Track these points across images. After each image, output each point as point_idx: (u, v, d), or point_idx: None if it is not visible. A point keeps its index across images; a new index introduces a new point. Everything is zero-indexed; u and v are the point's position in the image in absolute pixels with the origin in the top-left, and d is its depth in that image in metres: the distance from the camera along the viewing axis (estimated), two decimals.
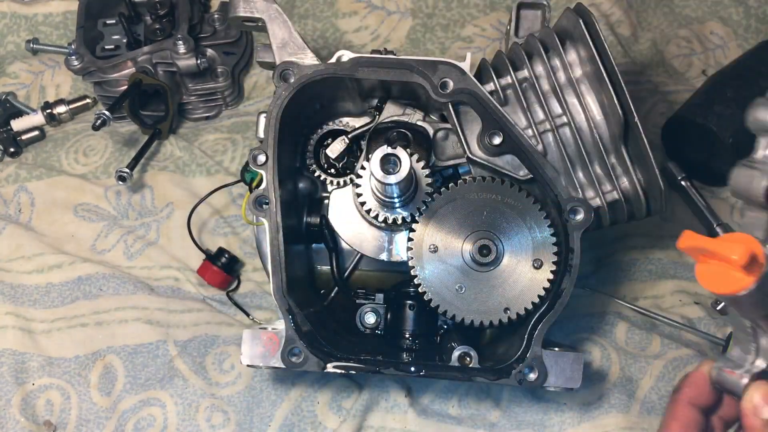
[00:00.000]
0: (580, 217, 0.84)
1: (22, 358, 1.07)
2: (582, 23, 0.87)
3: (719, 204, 1.16)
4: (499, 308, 0.85)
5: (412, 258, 0.87)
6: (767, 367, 0.71)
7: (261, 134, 0.95)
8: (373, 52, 1.00)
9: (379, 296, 0.97)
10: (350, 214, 0.95)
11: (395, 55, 0.95)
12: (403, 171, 0.82)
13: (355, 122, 0.98)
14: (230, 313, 1.11)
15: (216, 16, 1.23)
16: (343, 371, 0.86)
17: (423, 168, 0.89)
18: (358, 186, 0.90)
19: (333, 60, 0.88)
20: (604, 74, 0.86)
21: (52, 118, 1.24)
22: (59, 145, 1.23)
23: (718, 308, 1.10)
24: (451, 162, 0.95)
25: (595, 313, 1.08)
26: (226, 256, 1.11)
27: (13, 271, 1.13)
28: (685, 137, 1.16)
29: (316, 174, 0.97)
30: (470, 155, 0.90)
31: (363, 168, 0.90)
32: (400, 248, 0.94)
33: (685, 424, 0.74)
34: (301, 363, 0.85)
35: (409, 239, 0.87)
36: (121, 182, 1.12)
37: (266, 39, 0.91)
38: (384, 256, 0.95)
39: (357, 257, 0.99)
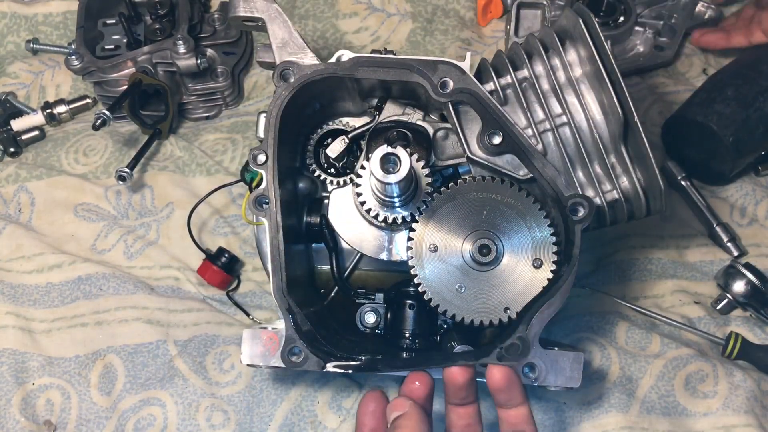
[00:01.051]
0: (582, 213, 0.84)
1: (23, 357, 1.07)
2: (582, 23, 0.87)
3: (719, 203, 1.16)
4: (498, 308, 0.85)
5: (412, 257, 0.87)
6: None
7: (261, 134, 0.95)
8: (373, 51, 1.00)
9: (379, 296, 0.97)
10: (350, 214, 0.95)
11: (395, 55, 0.95)
12: (403, 170, 0.82)
13: (355, 122, 0.98)
14: (230, 313, 1.11)
15: (216, 16, 1.23)
16: (343, 371, 0.85)
17: (423, 168, 0.89)
18: (358, 186, 0.90)
19: (333, 60, 0.88)
20: (604, 74, 0.86)
21: (52, 118, 1.24)
22: (59, 145, 1.23)
23: (718, 308, 1.10)
24: (451, 162, 0.95)
25: (594, 313, 1.08)
26: (226, 255, 1.11)
27: (14, 270, 1.13)
28: (685, 136, 1.16)
29: (316, 174, 0.97)
30: (470, 155, 0.90)
31: (363, 168, 0.90)
32: (399, 248, 0.94)
33: None
34: (301, 362, 0.85)
35: (409, 239, 0.87)
36: (121, 182, 1.13)
37: (266, 39, 0.91)
38: (384, 256, 0.95)
39: (357, 257, 0.99)
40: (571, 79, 0.89)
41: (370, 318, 0.97)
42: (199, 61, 1.16)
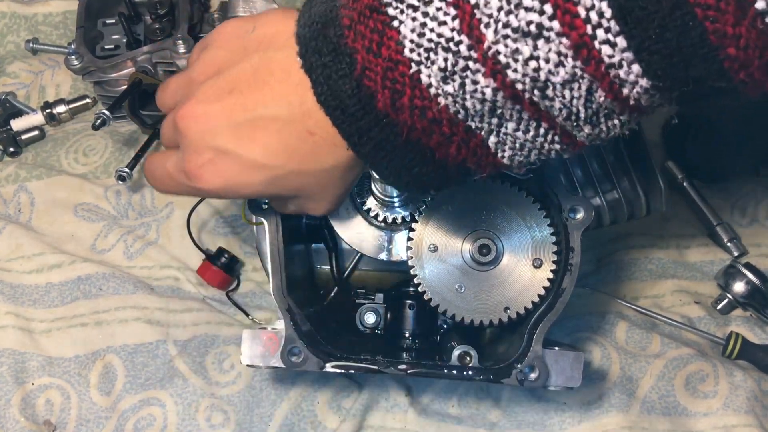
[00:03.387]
0: (580, 216, 0.84)
1: (22, 357, 1.07)
2: None
3: (719, 203, 1.16)
4: (498, 307, 0.85)
5: (411, 257, 0.87)
6: None
7: None
8: None
9: (379, 296, 0.97)
10: (350, 214, 0.95)
11: None
12: None
13: None
14: (230, 313, 1.11)
15: (216, 16, 1.23)
16: (342, 371, 0.85)
17: None
18: (357, 185, 0.90)
19: None
20: None
21: (52, 118, 1.24)
22: (59, 145, 1.23)
23: (718, 308, 1.10)
24: None
25: (594, 313, 1.08)
26: (226, 256, 1.11)
27: (13, 270, 1.13)
28: (686, 136, 1.16)
29: None
30: None
31: None
32: (399, 248, 0.94)
33: None
34: (301, 363, 0.85)
35: (409, 239, 0.87)
36: (121, 182, 1.12)
37: None
38: (384, 256, 0.95)
39: (357, 257, 0.99)
40: None
41: (370, 318, 0.97)
42: None
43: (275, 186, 0.69)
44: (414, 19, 0.56)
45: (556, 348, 0.86)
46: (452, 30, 0.55)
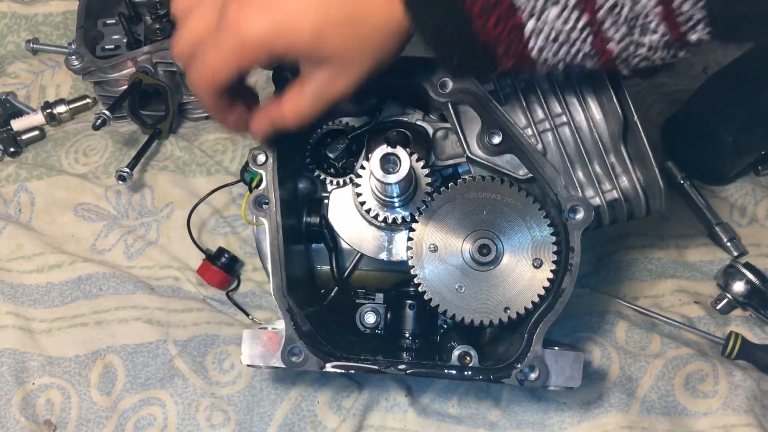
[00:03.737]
0: (580, 216, 0.84)
1: (23, 357, 1.07)
2: None
3: (719, 203, 1.16)
4: (498, 307, 0.85)
5: (411, 257, 0.87)
6: None
7: None
8: None
9: (379, 296, 0.97)
10: (350, 214, 0.95)
11: None
12: (403, 170, 0.82)
13: (355, 122, 0.98)
14: (230, 313, 1.11)
15: None
16: (342, 371, 0.86)
17: (423, 168, 0.89)
18: (357, 186, 0.91)
19: None
20: (603, 72, 0.86)
21: (52, 118, 1.24)
22: (59, 145, 1.23)
23: (717, 308, 1.10)
24: (451, 161, 0.95)
25: (594, 313, 1.08)
26: (226, 255, 1.11)
27: (14, 270, 1.13)
28: (685, 136, 1.16)
29: (316, 174, 0.97)
30: (470, 155, 0.90)
31: (363, 168, 0.90)
32: (399, 248, 0.94)
33: None
34: (301, 363, 0.85)
35: (409, 239, 0.87)
36: (121, 182, 1.13)
37: None
38: (384, 256, 0.95)
39: (357, 257, 0.99)
40: (570, 78, 0.89)
41: (370, 318, 0.97)
42: None
43: (320, 38, 0.68)
44: None
45: (556, 348, 0.86)
46: None
